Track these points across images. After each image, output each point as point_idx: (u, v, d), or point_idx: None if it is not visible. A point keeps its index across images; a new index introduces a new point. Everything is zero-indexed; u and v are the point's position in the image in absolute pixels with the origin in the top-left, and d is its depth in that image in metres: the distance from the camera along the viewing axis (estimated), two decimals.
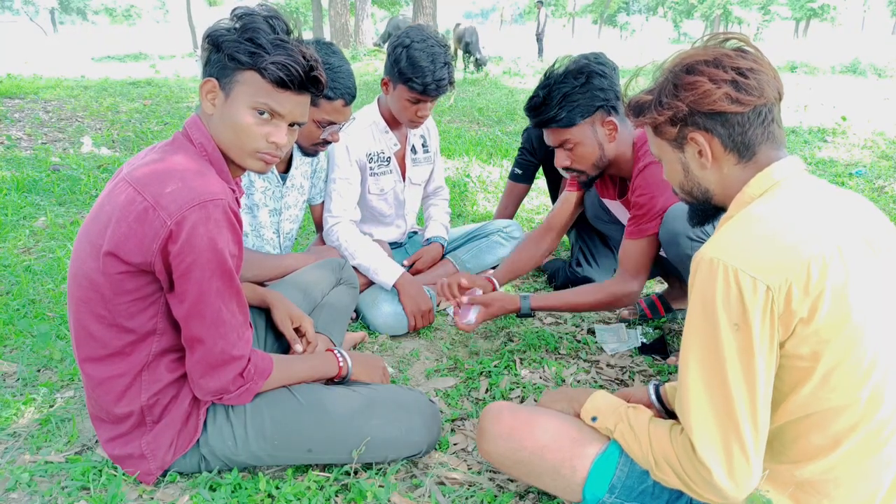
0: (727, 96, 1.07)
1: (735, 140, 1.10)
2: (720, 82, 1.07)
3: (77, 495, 1.40)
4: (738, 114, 1.08)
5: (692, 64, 1.10)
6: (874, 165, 4.74)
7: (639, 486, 1.18)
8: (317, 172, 2.37)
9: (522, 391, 1.91)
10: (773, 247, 0.98)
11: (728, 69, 1.07)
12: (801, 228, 1.00)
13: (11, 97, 6.67)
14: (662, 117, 1.14)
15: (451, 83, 2.25)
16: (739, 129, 1.09)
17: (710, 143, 1.11)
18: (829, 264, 0.96)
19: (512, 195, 3.01)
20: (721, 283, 0.97)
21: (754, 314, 0.96)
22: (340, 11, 15.74)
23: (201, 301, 1.23)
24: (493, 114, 7.07)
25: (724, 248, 1.00)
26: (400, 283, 2.27)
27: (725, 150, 1.11)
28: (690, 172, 1.17)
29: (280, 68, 1.24)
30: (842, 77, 11.87)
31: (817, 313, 0.96)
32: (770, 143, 1.10)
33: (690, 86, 1.09)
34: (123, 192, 1.22)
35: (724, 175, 1.13)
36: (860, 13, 56.21)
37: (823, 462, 1.02)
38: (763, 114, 1.08)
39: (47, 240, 2.99)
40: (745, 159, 1.11)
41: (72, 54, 16.77)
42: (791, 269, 0.95)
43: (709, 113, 1.09)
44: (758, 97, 1.07)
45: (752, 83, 1.07)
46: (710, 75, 1.07)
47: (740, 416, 0.99)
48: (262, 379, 1.38)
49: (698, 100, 1.08)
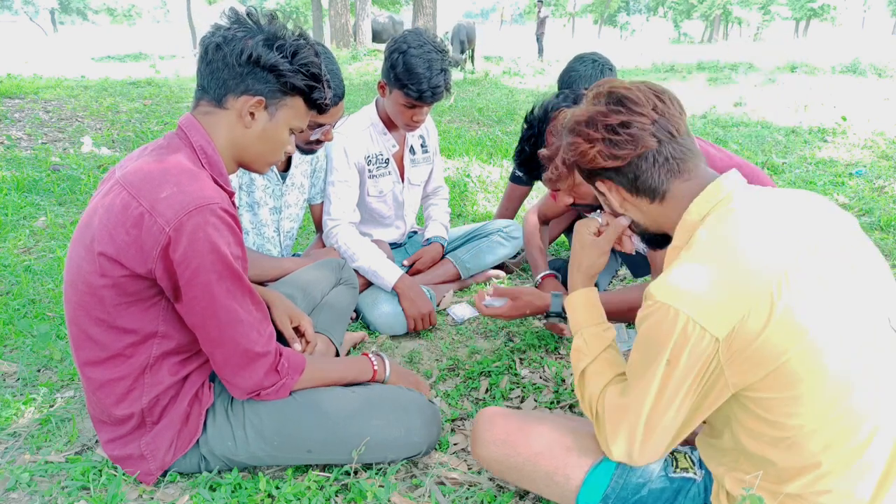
0: (601, 154, 1.11)
1: (636, 185, 1.13)
2: (594, 141, 1.12)
3: (77, 495, 1.41)
4: (621, 166, 1.11)
5: (573, 125, 1.17)
6: (874, 165, 4.74)
7: (633, 497, 1.19)
8: (316, 172, 2.37)
9: (522, 391, 1.91)
10: (723, 290, 0.97)
11: (599, 128, 1.11)
12: (750, 259, 0.98)
13: (11, 97, 6.67)
14: (559, 177, 1.28)
15: (447, 89, 2.24)
16: (632, 176, 1.12)
17: (616, 189, 1.16)
18: (775, 296, 0.95)
19: (512, 197, 3.00)
20: (668, 325, 0.99)
21: (691, 361, 0.99)
22: (340, 11, 15.74)
23: (213, 304, 1.23)
24: (493, 114, 7.07)
25: (676, 292, 1.00)
26: (399, 285, 2.27)
27: (632, 195, 1.15)
28: (617, 210, 1.22)
29: (328, 101, 1.38)
30: (842, 77, 11.87)
31: (771, 347, 0.95)
32: (678, 178, 1.12)
33: (571, 147, 1.16)
34: (118, 197, 1.22)
35: (646, 213, 1.17)
36: (860, 13, 56.23)
37: (809, 478, 1.01)
38: (650, 158, 1.10)
39: (47, 240, 2.99)
40: (658, 198, 1.14)
41: (72, 54, 16.77)
42: (741, 313, 0.95)
43: (593, 169, 1.15)
44: (633, 149, 1.10)
45: (624, 138, 1.10)
46: (585, 136, 1.13)
47: (644, 420, 1.06)
48: (296, 374, 1.40)
49: (579, 159, 1.15)
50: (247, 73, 1.27)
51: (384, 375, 1.63)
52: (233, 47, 1.26)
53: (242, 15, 1.30)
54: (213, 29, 1.30)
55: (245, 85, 1.28)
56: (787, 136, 5.91)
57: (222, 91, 1.29)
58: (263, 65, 1.27)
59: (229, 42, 1.26)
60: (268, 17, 1.32)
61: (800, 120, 6.72)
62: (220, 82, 1.29)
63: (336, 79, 1.95)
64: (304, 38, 1.33)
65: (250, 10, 1.32)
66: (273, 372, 1.35)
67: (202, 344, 1.30)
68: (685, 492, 1.19)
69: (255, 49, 1.26)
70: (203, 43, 1.30)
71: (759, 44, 30.61)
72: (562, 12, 51.82)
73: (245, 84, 1.28)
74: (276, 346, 1.36)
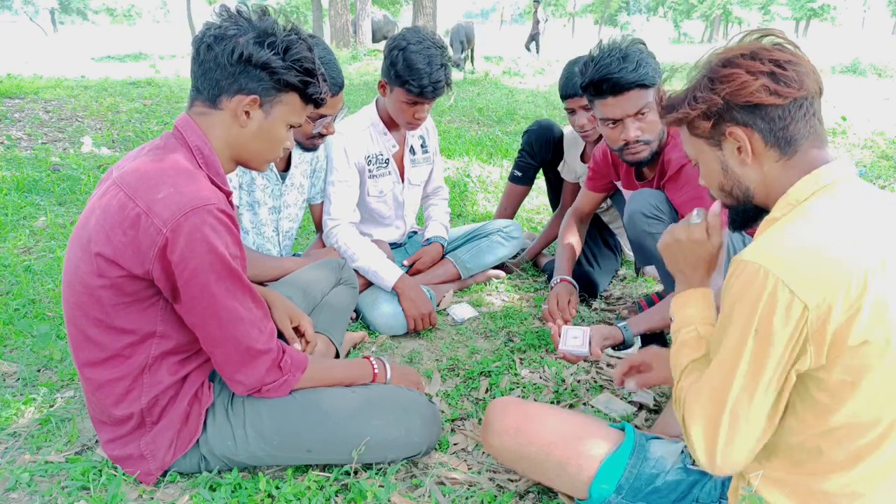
0: (765, 88, 1.03)
1: (776, 135, 1.05)
2: (757, 74, 1.03)
3: (77, 495, 1.41)
4: (778, 106, 1.04)
5: (729, 57, 1.07)
6: (874, 165, 4.74)
7: (646, 488, 1.18)
8: (316, 172, 2.37)
9: (522, 391, 1.91)
10: (817, 261, 0.94)
11: (766, 61, 1.04)
12: (847, 241, 0.96)
13: (11, 97, 6.66)
14: (696, 111, 1.09)
15: (448, 85, 2.24)
16: (781, 122, 1.04)
17: (751, 137, 1.06)
18: (870, 279, 0.93)
19: (512, 197, 3.01)
20: (758, 288, 0.94)
21: (779, 330, 0.94)
22: (340, 11, 15.73)
23: (213, 304, 1.23)
24: (493, 114, 7.07)
25: (769, 255, 0.96)
26: (399, 285, 2.26)
27: (766, 145, 1.06)
28: (730, 171, 1.12)
29: (324, 94, 1.37)
30: (842, 77, 11.87)
31: (854, 331, 0.93)
32: (813, 140, 1.06)
33: (727, 78, 1.05)
34: (115, 197, 1.22)
35: (766, 173, 1.08)
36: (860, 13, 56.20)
37: (843, 476, 1.00)
38: (804, 107, 1.05)
39: (47, 240, 2.99)
40: (787, 156, 1.06)
41: (72, 54, 16.75)
42: (832, 287, 0.92)
43: (747, 106, 1.05)
44: (797, 89, 1.03)
45: (791, 74, 1.03)
46: (748, 67, 1.04)
47: (725, 417, 0.99)
48: (299, 371, 1.41)
49: (735, 91, 1.05)
50: (239, 72, 1.27)
51: (384, 379, 1.63)
52: (223, 47, 1.25)
53: (233, 12, 1.29)
54: (204, 28, 1.29)
55: (238, 84, 1.28)
56: None
57: (216, 91, 1.28)
58: (255, 63, 1.26)
59: (220, 41, 1.25)
60: (258, 13, 1.31)
61: None
62: (213, 83, 1.28)
63: (333, 69, 1.94)
64: (296, 33, 1.32)
65: (240, 7, 1.31)
66: (276, 368, 1.36)
67: (203, 343, 1.30)
68: (700, 485, 1.18)
69: (246, 47, 1.25)
70: (194, 43, 1.29)
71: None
72: (562, 12, 51.81)
73: (238, 83, 1.28)
74: (278, 343, 1.36)
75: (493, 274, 2.75)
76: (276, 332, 1.37)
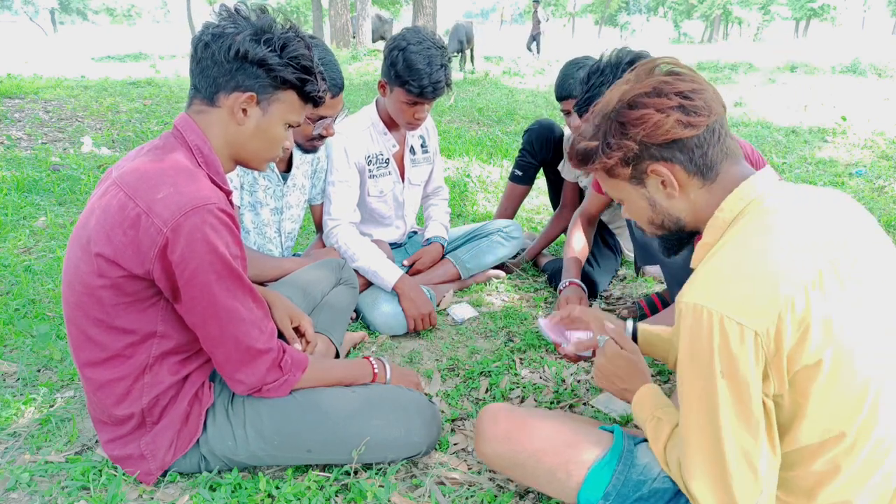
0: (679, 122, 1.04)
1: (696, 163, 1.07)
2: (667, 110, 1.04)
3: (77, 495, 1.41)
4: (693, 136, 1.05)
5: (633, 99, 1.07)
6: (874, 165, 4.74)
7: (633, 494, 1.18)
8: (317, 172, 2.37)
9: (522, 391, 1.91)
10: (757, 287, 0.94)
11: (671, 95, 1.05)
12: (781, 259, 0.96)
13: (11, 97, 6.67)
14: (612, 160, 1.10)
15: (448, 85, 2.24)
16: (698, 150, 1.06)
17: (672, 170, 1.08)
18: (811, 295, 0.93)
19: (512, 197, 3.01)
20: (706, 330, 0.94)
21: (743, 362, 0.93)
22: (340, 11, 15.73)
23: (214, 304, 1.23)
24: (493, 114, 7.07)
25: (707, 292, 0.96)
26: (399, 285, 2.27)
27: (689, 174, 1.08)
28: (657, 205, 1.14)
29: (322, 93, 1.36)
30: (842, 77, 11.87)
31: (807, 350, 0.93)
32: (729, 159, 1.08)
33: (638, 121, 1.06)
34: (115, 197, 1.22)
35: (693, 200, 1.10)
36: (860, 13, 56.21)
37: (832, 487, 1.00)
38: (716, 130, 1.07)
39: (47, 240, 2.99)
40: (708, 181, 1.08)
41: (72, 54, 16.76)
42: (777, 309, 0.92)
43: (664, 143, 1.06)
44: (708, 115, 1.05)
45: (699, 103, 1.04)
46: (656, 105, 1.05)
47: (736, 463, 0.97)
48: (299, 371, 1.41)
49: (650, 133, 1.05)
50: (236, 69, 1.27)
51: (384, 379, 1.63)
52: (220, 44, 1.25)
53: (232, 11, 1.29)
54: (203, 27, 1.29)
55: (235, 81, 1.28)
56: (787, 136, 5.91)
57: (213, 89, 1.29)
58: (251, 59, 1.26)
59: (217, 39, 1.26)
60: (257, 12, 1.31)
61: (800, 120, 6.72)
62: (211, 80, 1.28)
63: (333, 70, 1.94)
64: (294, 31, 1.32)
65: (239, 6, 1.31)
66: (276, 368, 1.36)
67: (203, 343, 1.30)
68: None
69: (243, 44, 1.25)
70: (193, 42, 1.30)
71: (759, 44, 30.61)
72: (562, 12, 51.81)
73: (235, 80, 1.28)
74: (278, 342, 1.37)
75: (493, 274, 2.75)
76: (276, 332, 1.37)
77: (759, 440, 0.96)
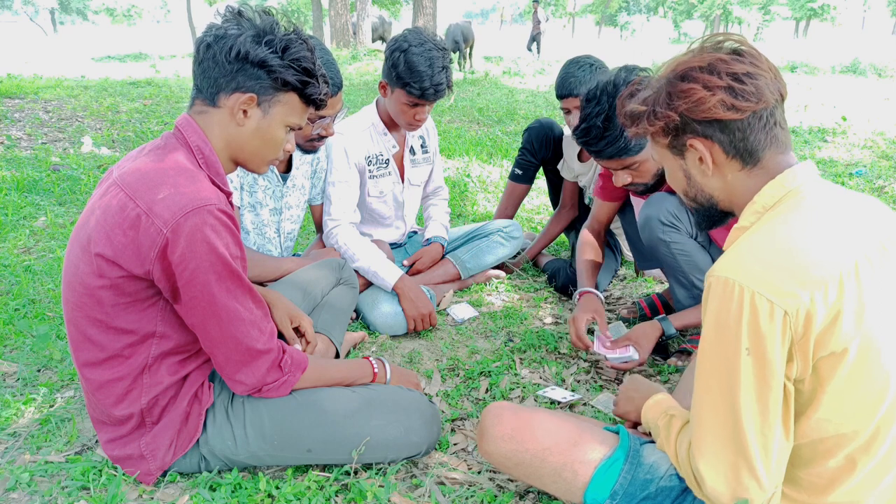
0: (722, 103, 1.02)
1: (737, 146, 1.05)
2: (714, 89, 1.03)
3: (77, 495, 1.40)
4: (737, 120, 1.04)
5: (686, 71, 1.06)
6: (874, 165, 4.74)
7: (640, 493, 1.18)
8: (317, 173, 2.37)
9: (522, 391, 1.91)
10: (791, 267, 0.93)
11: (723, 75, 1.03)
12: (818, 245, 0.95)
13: (11, 97, 6.67)
14: (654, 127, 1.10)
15: (449, 87, 2.24)
16: (740, 134, 1.04)
17: (711, 149, 1.07)
18: (846, 283, 0.92)
19: (512, 196, 3.01)
20: (735, 305, 0.93)
21: (770, 340, 0.92)
22: (340, 11, 15.73)
23: (214, 304, 1.23)
24: (493, 114, 7.07)
25: (740, 267, 0.95)
26: (399, 285, 2.26)
27: (727, 156, 1.07)
28: (693, 179, 1.14)
29: (323, 96, 1.36)
30: (842, 77, 11.88)
31: (835, 337, 0.92)
32: (775, 148, 1.06)
33: (684, 94, 1.05)
34: (115, 198, 1.22)
35: (729, 182, 1.09)
36: (860, 13, 56.21)
37: (845, 486, 0.99)
38: (764, 118, 1.05)
39: (47, 240, 2.99)
40: (749, 166, 1.07)
41: (72, 54, 16.76)
42: (809, 292, 0.91)
43: (705, 120, 1.05)
44: (756, 102, 1.03)
45: (749, 88, 1.02)
46: (705, 82, 1.03)
47: (751, 444, 0.96)
48: (299, 371, 1.41)
49: (692, 108, 1.05)
50: (237, 70, 1.27)
51: (384, 379, 1.63)
52: (222, 45, 1.25)
53: (236, 13, 1.30)
54: (206, 28, 1.30)
55: (236, 82, 1.28)
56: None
57: (214, 90, 1.29)
58: (252, 61, 1.26)
59: (219, 40, 1.26)
60: (261, 14, 1.31)
61: (800, 120, 6.72)
62: (212, 81, 1.28)
63: (332, 69, 1.94)
64: (296, 33, 1.32)
65: (242, 7, 1.31)
66: (276, 368, 1.36)
67: (203, 343, 1.30)
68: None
69: (244, 45, 1.25)
70: (196, 42, 1.30)
71: (759, 44, 30.58)
72: (562, 12, 51.80)
73: (236, 81, 1.28)
74: (278, 343, 1.36)
75: (493, 274, 2.75)
76: (276, 332, 1.37)
77: (775, 423, 0.96)
